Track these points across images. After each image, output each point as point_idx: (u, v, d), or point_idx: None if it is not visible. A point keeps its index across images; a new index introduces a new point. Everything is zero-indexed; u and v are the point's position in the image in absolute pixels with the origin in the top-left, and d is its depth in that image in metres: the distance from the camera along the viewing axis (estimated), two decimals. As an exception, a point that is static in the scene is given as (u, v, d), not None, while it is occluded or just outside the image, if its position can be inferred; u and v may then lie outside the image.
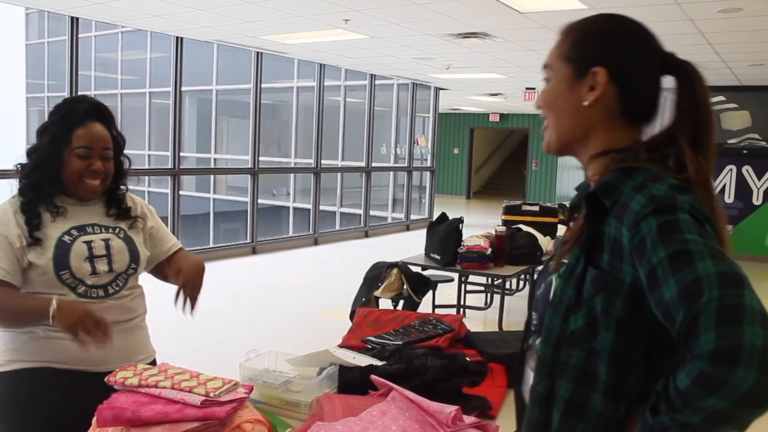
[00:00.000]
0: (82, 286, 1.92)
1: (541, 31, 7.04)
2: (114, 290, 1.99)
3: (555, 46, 1.24)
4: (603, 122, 1.17)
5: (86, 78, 17.08)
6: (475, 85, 13.17)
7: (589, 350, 1.05)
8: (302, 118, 14.60)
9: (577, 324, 1.07)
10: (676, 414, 0.90)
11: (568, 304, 1.08)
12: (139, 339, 2.09)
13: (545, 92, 1.24)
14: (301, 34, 8.00)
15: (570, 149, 1.24)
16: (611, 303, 1.03)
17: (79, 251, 1.93)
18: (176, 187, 8.93)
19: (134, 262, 2.06)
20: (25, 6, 9.91)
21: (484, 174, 24.03)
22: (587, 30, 1.21)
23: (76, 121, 1.96)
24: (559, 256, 1.18)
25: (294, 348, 2.22)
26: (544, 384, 1.12)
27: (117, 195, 2.12)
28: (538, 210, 6.19)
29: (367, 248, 11.00)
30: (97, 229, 2.02)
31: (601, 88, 1.14)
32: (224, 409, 1.54)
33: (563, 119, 1.21)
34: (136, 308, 2.09)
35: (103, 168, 2.00)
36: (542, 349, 1.13)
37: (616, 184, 1.08)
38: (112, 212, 2.09)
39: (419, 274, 4.83)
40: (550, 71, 1.23)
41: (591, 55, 1.16)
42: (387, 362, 1.97)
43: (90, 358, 1.89)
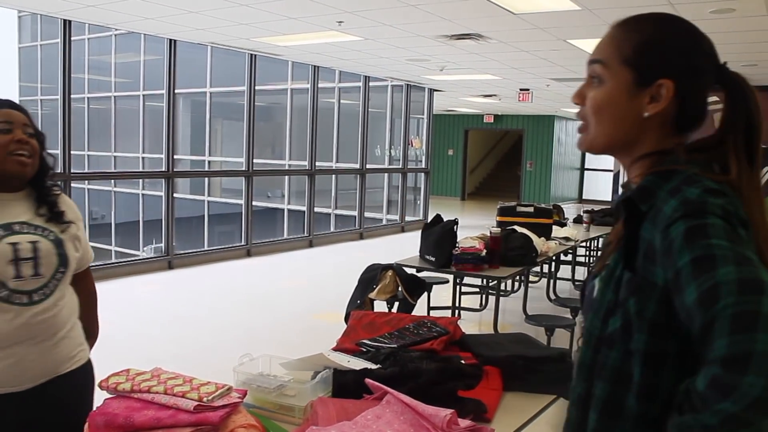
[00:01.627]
0: (4, 289, 1.80)
1: (535, 32, 7.06)
2: (39, 298, 1.86)
3: (611, 42, 1.17)
4: (653, 132, 1.15)
5: (79, 81, 17.04)
6: (470, 87, 13.19)
7: (625, 351, 1.06)
8: (296, 120, 14.58)
9: (615, 326, 1.08)
10: (697, 415, 0.90)
11: (607, 306, 1.10)
12: (63, 351, 1.95)
13: (596, 97, 1.17)
14: (295, 36, 8.00)
15: (614, 152, 1.21)
16: (644, 306, 1.04)
17: (4, 252, 1.81)
18: (170, 190, 8.92)
19: (63, 266, 1.94)
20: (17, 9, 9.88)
21: (478, 175, 24.05)
22: (656, 36, 1.15)
23: None
24: (603, 258, 1.20)
25: (288, 351, 2.21)
26: (583, 386, 1.14)
27: (47, 193, 1.99)
28: (533, 211, 6.18)
29: (362, 250, 11.00)
30: (25, 228, 1.89)
31: (665, 101, 1.11)
32: (218, 414, 1.53)
33: (615, 126, 1.16)
34: (64, 321, 1.96)
35: (28, 140, 1.89)
36: (583, 351, 1.15)
37: (653, 188, 1.07)
38: (42, 212, 1.96)
39: (414, 276, 4.82)
40: (603, 70, 1.16)
41: (659, 66, 1.12)
42: (382, 365, 1.96)
43: (6, 379, 1.80)
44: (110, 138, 18.45)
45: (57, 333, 1.92)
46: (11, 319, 1.80)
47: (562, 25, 6.69)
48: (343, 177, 13.96)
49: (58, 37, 7.59)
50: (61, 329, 1.94)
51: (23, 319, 1.82)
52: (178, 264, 8.89)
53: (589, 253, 9.06)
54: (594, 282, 1.17)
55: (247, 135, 10.00)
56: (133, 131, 17.61)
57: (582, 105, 1.19)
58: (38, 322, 1.85)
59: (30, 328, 1.83)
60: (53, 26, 8.36)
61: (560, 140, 21.20)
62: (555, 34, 7.16)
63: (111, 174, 17.51)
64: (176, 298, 7.42)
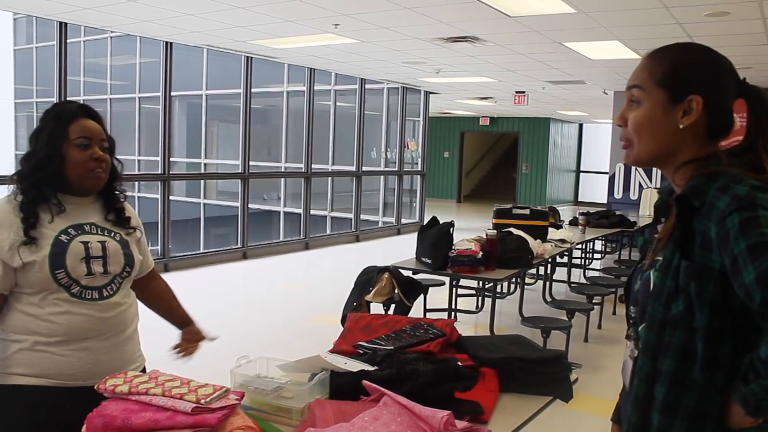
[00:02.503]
0: (77, 286, 1.90)
1: (531, 34, 7.07)
2: (108, 293, 1.98)
3: (644, 70, 1.37)
4: (691, 140, 1.33)
5: (75, 83, 17.02)
6: (465, 89, 13.21)
7: (689, 330, 1.24)
8: (292, 123, 14.58)
9: (678, 309, 1.25)
10: (763, 380, 1.12)
11: (668, 293, 1.27)
12: (129, 350, 2.08)
13: (636, 117, 1.36)
14: (291, 39, 8.01)
15: (658, 163, 1.39)
16: (704, 288, 1.22)
17: (76, 251, 1.91)
18: (166, 193, 8.91)
19: (129, 265, 2.06)
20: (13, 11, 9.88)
21: (474, 177, 24.08)
22: (683, 60, 1.35)
23: (71, 117, 1.97)
24: (654, 253, 1.37)
25: (285, 353, 2.22)
26: (649, 364, 1.31)
27: (115, 200, 2.12)
28: (529, 213, 6.19)
29: (358, 252, 11.00)
30: (94, 229, 2.00)
31: (697, 114, 1.31)
32: (215, 416, 1.53)
33: (656, 139, 1.35)
34: (130, 320, 2.08)
35: (105, 158, 2.01)
36: (646, 334, 1.32)
37: (703, 187, 1.25)
38: (110, 217, 2.08)
39: (410, 279, 4.82)
40: (641, 93, 1.36)
41: (689, 84, 1.32)
42: (379, 367, 1.96)
43: (78, 372, 1.90)
44: (106, 140, 18.39)
45: (125, 330, 2.04)
46: (84, 314, 1.91)
47: (557, 27, 6.70)
48: (339, 179, 13.97)
49: (54, 40, 7.59)
50: (128, 327, 2.06)
51: (96, 313, 1.93)
52: (174, 266, 8.87)
53: (585, 255, 9.08)
54: (649, 274, 1.34)
55: (243, 137, 10.00)
56: (128, 134, 17.58)
57: (625, 126, 1.39)
58: (109, 317, 1.97)
59: (103, 322, 1.95)
60: (49, 28, 8.35)
61: (556, 143, 21.25)
62: (550, 36, 7.18)
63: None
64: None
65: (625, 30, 6.57)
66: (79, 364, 1.90)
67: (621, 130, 1.41)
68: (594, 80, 10.77)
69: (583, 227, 7.34)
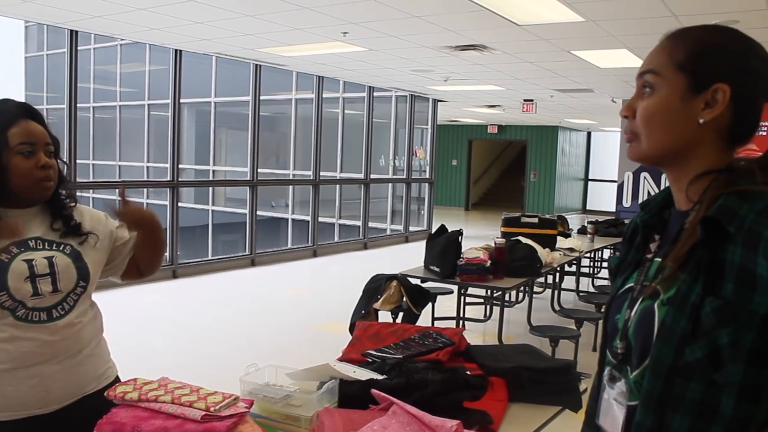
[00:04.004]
0: (22, 308, 1.72)
1: (539, 43, 7.08)
2: (59, 314, 1.79)
3: (662, 52, 1.14)
4: (708, 142, 1.10)
5: (85, 90, 17.12)
6: (474, 97, 13.21)
7: (709, 383, 0.99)
8: (301, 130, 14.61)
9: (695, 356, 1.00)
10: None
11: (682, 335, 1.01)
12: (90, 370, 1.88)
13: (647, 106, 1.12)
14: (300, 47, 8.03)
15: (665, 163, 1.15)
16: (741, 335, 0.96)
17: (18, 270, 1.72)
18: (175, 199, 8.94)
19: (83, 279, 1.86)
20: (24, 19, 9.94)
21: (482, 185, 24.07)
22: (710, 41, 1.11)
23: (9, 120, 1.76)
24: (660, 282, 1.09)
25: (293, 361, 2.22)
26: (653, 418, 1.05)
27: (62, 206, 1.90)
28: (538, 222, 6.18)
29: (366, 260, 11.00)
30: (40, 244, 1.81)
31: (721, 107, 1.07)
32: (224, 424, 1.53)
33: (669, 133, 1.11)
34: (89, 338, 1.89)
35: (51, 164, 1.80)
36: (650, 382, 1.05)
37: (734, 209, 1.01)
38: (57, 226, 1.87)
39: (419, 287, 4.82)
40: (655, 79, 1.12)
41: (715, 69, 1.08)
42: (387, 376, 1.96)
43: (30, 402, 1.74)
44: (115, 147, 18.51)
45: (82, 350, 1.86)
46: (32, 338, 1.73)
47: (566, 36, 6.71)
48: (347, 187, 13.98)
49: (65, 47, 7.64)
50: (85, 346, 1.87)
51: (44, 337, 1.75)
52: (182, 273, 8.90)
53: (593, 264, 9.05)
54: (650, 306, 1.09)
55: (252, 144, 10.03)
56: (137, 140, 17.66)
57: (631, 118, 1.15)
58: (60, 340, 1.79)
59: (53, 346, 1.77)
60: (59, 36, 8.40)
61: (564, 151, 21.22)
62: (559, 45, 7.18)
63: (116, 183, 17.52)
64: (180, 308, 7.42)
65: (633, 38, 6.56)
66: (30, 393, 1.73)
67: (626, 122, 1.17)
68: (602, 88, 10.76)
69: (591, 236, 7.32)
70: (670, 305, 1.04)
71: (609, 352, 1.20)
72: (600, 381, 1.25)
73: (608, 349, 1.21)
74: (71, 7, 6.33)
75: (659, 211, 1.21)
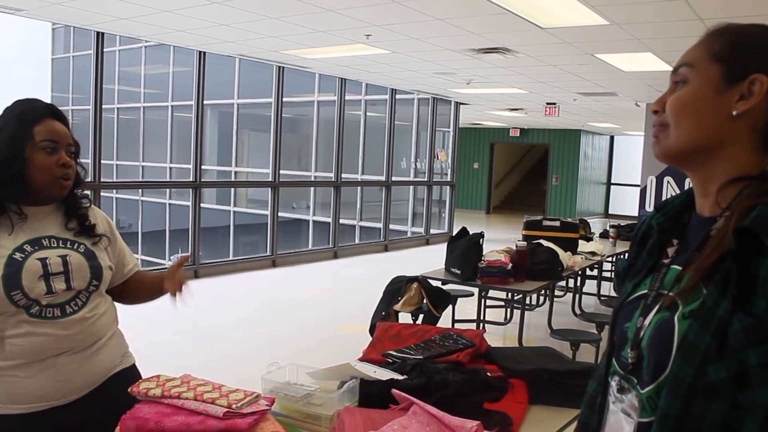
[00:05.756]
0: (36, 306, 1.75)
1: (563, 46, 7.04)
2: (72, 310, 1.82)
3: (699, 46, 1.09)
4: (741, 140, 1.03)
5: (110, 91, 17.29)
6: (496, 100, 13.18)
7: (733, 404, 0.92)
8: (323, 132, 14.66)
9: (719, 375, 0.92)
10: None
11: (705, 352, 0.94)
12: (105, 360, 1.91)
13: (679, 95, 1.07)
14: (323, 49, 8.06)
15: (691, 161, 1.08)
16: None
17: (33, 269, 1.75)
18: (197, 200, 9.00)
19: (96, 278, 1.89)
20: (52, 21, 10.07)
21: (503, 189, 23.98)
22: (748, 33, 1.06)
23: (36, 117, 1.81)
24: (680, 292, 1.01)
25: (313, 361, 2.23)
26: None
27: (77, 206, 1.94)
28: (559, 225, 6.16)
29: (387, 262, 11.01)
30: (53, 242, 1.84)
31: (758, 97, 1.00)
32: (246, 421, 1.54)
33: (699, 126, 1.05)
34: (103, 330, 1.92)
35: (71, 163, 1.85)
36: (668, 401, 0.97)
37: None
38: (71, 226, 1.91)
39: (439, 289, 4.81)
40: (689, 71, 1.07)
41: (752, 60, 1.02)
42: (408, 376, 1.96)
43: (48, 393, 1.77)
44: (139, 148, 18.69)
45: (96, 341, 1.89)
46: (46, 333, 1.76)
47: (589, 39, 6.67)
48: (368, 189, 14.00)
49: (91, 49, 7.74)
50: (100, 338, 1.90)
51: (58, 332, 1.78)
52: (204, 273, 8.96)
53: (615, 268, 8.98)
54: (669, 318, 1.01)
55: (274, 146, 10.07)
56: (161, 141, 17.81)
57: (661, 112, 1.09)
58: (74, 333, 1.82)
59: (67, 340, 1.80)
60: (85, 38, 8.52)
61: (587, 154, 21.09)
62: (582, 48, 7.14)
63: (139, 183, 17.72)
64: (202, 307, 7.46)
65: (658, 42, 6.51)
66: (48, 384, 1.76)
67: (655, 118, 1.10)
68: (626, 92, 10.68)
69: (613, 240, 7.27)
70: (694, 319, 0.96)
71: (616, 361, 1.14)
72: (604, 390, 1.19)
73: (615, 358, 1.15)
74: (98, 9, 6.41)
75: (677, 214, 1.14)
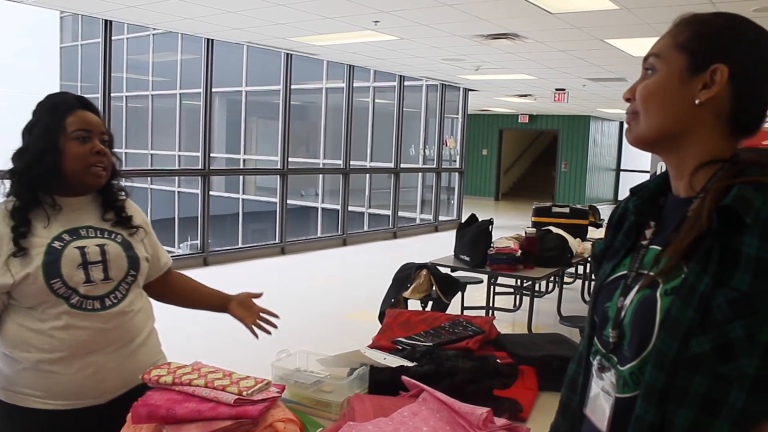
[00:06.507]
0: (76, 295, 1.75)
1: (572, 31, 7.00)
2: (111, 303, 1.82)
3: (667, 36, 1.15)
4: (709, 126, 1.08)
5: (118, 79, 17.30)
6: (505, 86, 13.12)
7: (715, 376, 0.97)
8: (331, 119, 14.65)
9: (702, 348, 0.97)
10: None
11: (689, 326, 0.98)
12: (142, 360, 1.90)
13: (646, 84, 1.13)
14: (331, 36, 8.04)
15: (662, 146, 1.14)
16: (758, 329, 0.94)
17: (71, 257, 1.76)
18: (206, 188, 9.02)
19: (133, 268, 1.89)
20: (60, 9, 10.08)
21: (512, 175, 23.94)
22: (712, 23, 1.11)
23: (68, 108, 1.81)
24: (661, 271, 1.05)
25: (322, 348, 2.23)
26: (654, 413, 1.01)
27: (114, 197, 1.95)
28: (569, 212, 6.14)
29: (396, 249, 11.01)
30: (91, 232, 1.84)
31: (718, 87, 1.05)
32: (257, 408, 1.55)
33: (665, 113, 1.10)
34: (140, 326, 1.93)
35: (105, 151, 1.84)
36: (653, 375, 1.01)
37: (750, 199, 0.98)
38: (108, 217, 1.91)
39: (448, 276, 4.82)
40: (657, 61, 1.13)
41: (713, 50, 1.07)
42: (418, 363, 1.97)
43: (86, 391, 1.78)
44: (147, 136, 18.72)
45: (134, 339, 1.89)
46: (87, 326, 1.77)
47: (599, 24, 6.62)
48: (377, 176, 14.00)
49: (99, 37, 7.74)
50: (138, 335, 1.91)
51: (98, 325, 1.79)
52: (213, 261, 8.99)
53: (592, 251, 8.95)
54: (650, 295, 1.05)
55: (282, 134, 10.07)
56: (169, 129, 17.84)
57: (633, 99, 1.15)
58: (114, 327, 1.82)
59: (106, 334, 1.81)
60: (93, 26, 8.52)
61: (596, 141, 21.00)
62: (592, 33, 7.10)
63: (148, 171, 17.74)
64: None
65: (667, 27, 6.45)
66: (85, 382, 1.77)
67: (628, 105, 1.16)
68: (635, 78, 10.48)
69: (623, 226, 7.23)
70: (676, 295, 1.00)
71: (598, 341, 1.17)
72: (586, 371, 1.22)
73: (597, 338, 1.18)
74: (105, -3, 6.41)
75: (653, 197, 1.19)
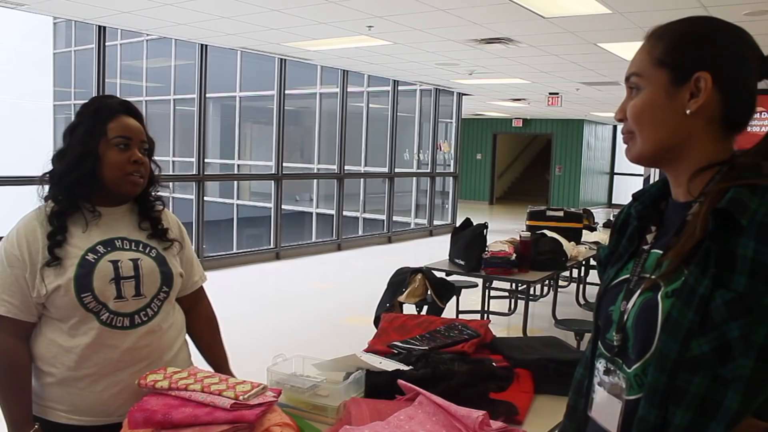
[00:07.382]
0: (105, 311, 1.72)
1: (565, 35, 7.02)
2: (141, 321, 1.79)
3: (642, 52, 1.15)
4: (704, 132, 1.09)
5: (112, 85, 17.25)
6: (498, 91, 13.15)
7: (714, 378, 0.98)
8: (325, 124, 14.65)
9: (701, 349, 0.98)
10: None
11: (689, 327, 0.99)
12: None
13: (635, 104, 1.13)
14: (325, 41, 8.05)
15: (664, 161, 1.14)
16: (753, 329, 0.95)
17: (104, 271, 1.73)
18: (200, 193, 9.01)
19: (166, 285, 1.85)
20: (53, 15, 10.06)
21: (507, 179, 23.97)
22: (684, 32, 1.12)
23: (111, 113, 1.80)
24: (663, 275, 1.07)
25: (318, 353, 2.23)
26: (657, 413, 1.02)
27: (151, 207, 1.91)
28: (563, 215, 6.16)
29: (390, 254, 11.01)
30: (126, 244, 1.81)
31: (706, 94, 1.06)
32: (253, 413, 1.55)
33: (659, 129, 1.11)
34: (170, 343, 1.88)
35: (144, 161, 1.82)
36: (655, 376, 1.03)
37: (746, 202, 0.99)
38: (144, 226, 1.87)
39: (443, 280, 4.82)
40: (639, 80, 1.13)
41: (692, 59, 1.08)
42: (414, 367, 1.97)
43: (110, 409, 1.76)
44: (141, 142, 18.65)
45: (162, 356, 1.85)
46: (115, 345, 1.74)
47: (592, 28, 6.65)
48: (371, 181, 14.00)
49: (92, 43, 7.73)
50: (167, 352, 1.87)
51: (126, 344, 1.76)
52: (208, 266, 8.93)
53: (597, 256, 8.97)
54: (652, 298, 1.06)
55: (277, 139, 10.07)
56: (163, 135, 17.81)
57: (625, 119, 1.15)
58: (142, 347, 1.79)
59: (133, 353, 1.77)
60: (87, 32, 8.51)
61: (589, 144, 21.05)
62: (585, 37, 7.12)
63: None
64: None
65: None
66: (111, 401, 1.76)
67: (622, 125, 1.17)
68: (629, 81, 10.62)
69: (617, 230, 7.25)
70: (677, 297, 1.01)
71: (602, 344, 1.19)
72: (591, 373, 1.23)
73: (601, 341, 1.20)
74: (99, 3, 6.39)
75: (654, 202, 1.21)
